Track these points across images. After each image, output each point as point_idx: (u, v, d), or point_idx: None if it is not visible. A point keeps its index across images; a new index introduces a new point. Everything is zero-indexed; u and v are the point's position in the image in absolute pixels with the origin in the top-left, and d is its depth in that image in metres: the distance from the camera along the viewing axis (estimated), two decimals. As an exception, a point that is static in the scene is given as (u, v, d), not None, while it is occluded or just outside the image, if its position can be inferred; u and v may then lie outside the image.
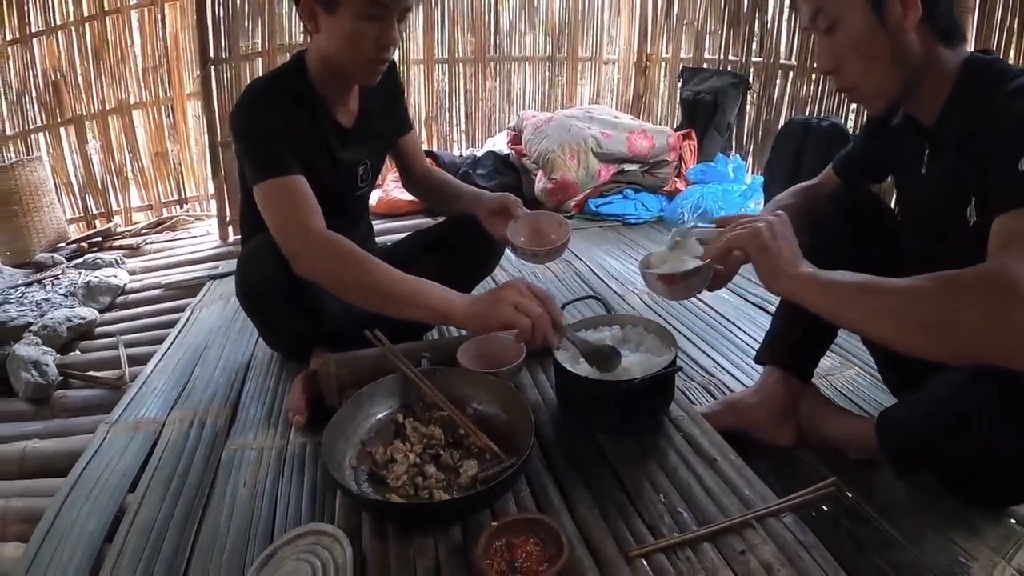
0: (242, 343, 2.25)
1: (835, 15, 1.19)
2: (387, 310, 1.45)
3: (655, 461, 1.30)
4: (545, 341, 1.35)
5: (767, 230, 1.18)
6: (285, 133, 1.60)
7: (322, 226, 1.53)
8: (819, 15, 1.21)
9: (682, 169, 3.90)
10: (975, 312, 0.94)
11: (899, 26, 1.15)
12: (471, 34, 4.75)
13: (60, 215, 4.06)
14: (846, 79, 1.25)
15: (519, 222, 1.75)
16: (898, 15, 1.14)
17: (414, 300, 1.42)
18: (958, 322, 0.96)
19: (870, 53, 1.19)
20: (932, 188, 1.29)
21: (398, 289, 1.43)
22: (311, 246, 1.50)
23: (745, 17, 4.06)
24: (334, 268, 1.48)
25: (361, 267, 1.46)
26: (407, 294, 1.43)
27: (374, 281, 1.45)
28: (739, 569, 1.03)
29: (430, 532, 1.14)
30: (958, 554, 1.23)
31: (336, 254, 1.48)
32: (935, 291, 0.99)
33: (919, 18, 1.14)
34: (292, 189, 1.55)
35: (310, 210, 1.54)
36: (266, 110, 1.62)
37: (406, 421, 1.37)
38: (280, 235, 1.53)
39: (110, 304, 3.06)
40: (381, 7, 1.54)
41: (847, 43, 1.20)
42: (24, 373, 2.27)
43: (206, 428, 1.76)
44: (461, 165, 4.02)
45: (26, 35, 4.00)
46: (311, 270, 1.50)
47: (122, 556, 1.35)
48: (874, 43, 1.18)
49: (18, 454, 1.90)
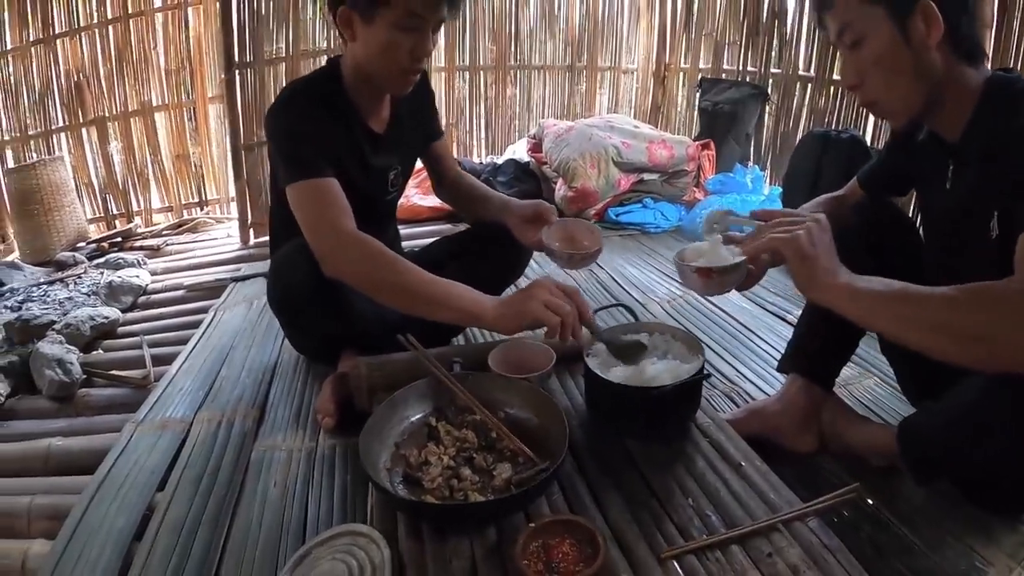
0: (268, 345, 2.27)
1: (861, 31, 1.23)
2: (417, 310, 1.47)
3: (683, 466, 1.31)
4: (575, 336, 1.38)
5: (806, 237, 1.20)
6: (319, 136, 1.62)
7: (353, 227, 1.55)
8: (845, 31, 1.25)
9: (701, 179, 3.91)
10: (1008, 323, 0.98)
11: (922, 43, 1.18)
12: (492, 42, 4.79)
13: (80, 215, 4.09)
14: (869, 93, 1.29)
15: (552, 228, 1.75)
16: (921, 33, 1.18)
17: (445, 301, 1.45)
18: (992, 332, 1.00)
19: (893, 69, 1.23)
20: (956, 202, 1.31)
21: (429, 290, 1.46)
22: (342, 246, 1.52)
23: (764, 28, 4.07)
24: (365, 269, 1.50)
25: (392, 268, 1.49)
26: (438, 295, 1.45)
27: (405, 282, 1.47)
28: (767, 571, 1.04)
29: (465, 533, 1.14)
30: (975, 560, 1.25)
31: (367, 255, 1.50)
32: (969, 302, 1.03)
33: (941, 36, 1.18)
34: (324, 190, 1.57)
35: (342, 211, 1.56)
36: (301, 112, 1.64)
37: (439, 424, 1.37)
38: (311, 235, 1.55)
39: (132, 304, 3.08)
40: (417, 18, 1.56)
41: (871, 59, 1.24)
42: (48, 371, 2.28)
43: (234, 428, 1.78)
44: (482, 172, 4.04)
45: (50, 36, 4.03)
46: (341, 270, 1.53)
47: (152, 554, 1.37)
48: (897, 59, 1.21)
49: (43, 451, 1.92)
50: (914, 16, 1.17)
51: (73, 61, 4.12)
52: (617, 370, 1.43)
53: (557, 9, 4.87)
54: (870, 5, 1.20)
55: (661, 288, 2.75)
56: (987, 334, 1.01)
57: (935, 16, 1.16)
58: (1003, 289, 1.01)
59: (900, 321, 1.11)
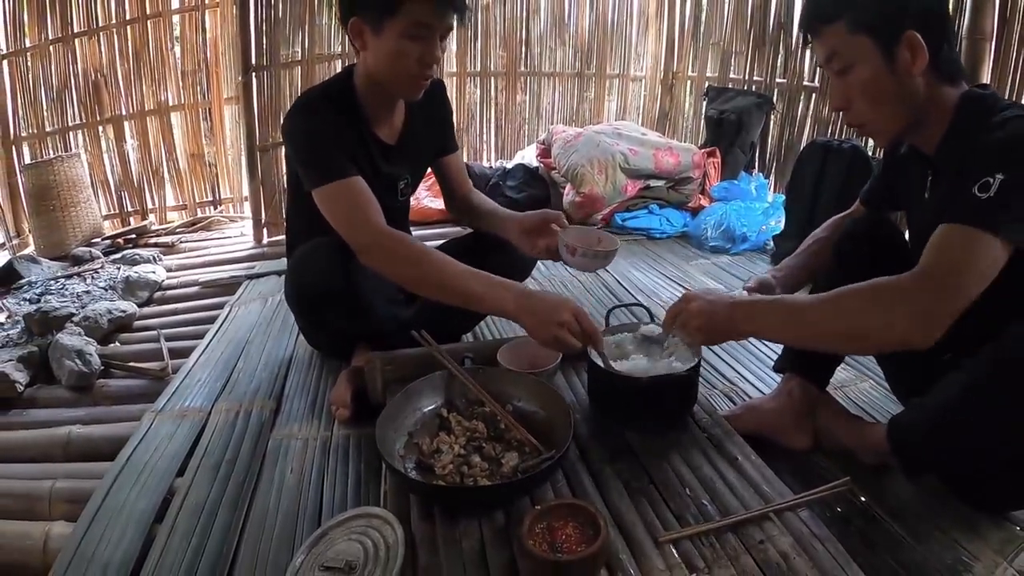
0: (283, 340, 2.34)
1: (849, 59, 1.29)
2: (449, 301, 1.58)
3: (681, 458, 1.37)
4: None
5: (700, 330, 1.38)
6: (337, 138, 1.69)
7: (385, 224, 1.63)
8: (834, 58, 1.31)
9: (706, 186, 3.97)
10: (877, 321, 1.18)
11: (907, 71, 1.26)
12: (503, 49, 4.85)
13: (96, 211, 4.15)
14: (856, 117, 1.36)
15: (567, 232, 1.80)
16: (907, 61, 1.25)
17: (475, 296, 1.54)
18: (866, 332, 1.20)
19: (878, 95, 1.30)
20: (933, 211, 1.36)
21: (460, 285, 1.55)
22: (379, 244, 1.61)
23: (770, 39, 4.13)
24: (401, 265, 1.60)
25: (425, 264, 1.58)
26: (468, 290, 1.55)
27: (439, 279, 1.57)
28: (758, 557, 1.10)
29: (475, 516, 1.20)
30: (962, 555, 1.30)
31: (403, 254, 1.61)
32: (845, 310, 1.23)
33: (926, 64, 1.25)
34: (356, 190, 1.64)
35: (375, 209, 1.64)
36: (319, 117, 1.71)
37: (450, 415, 1.44)
38: (349, 233, 1.63)
39: (148, 299, 3.15)
40: (424, 27, 1.62)
41: (858, 85, 1.30)
42: (67, 361, 2.34)
43: (252, 418, 1.85)
44: (491, 176, 4.11)
45: (68, 35, 4.09)
46: (378, 266, 1.62)
47: (173, 535, 1.43)
48: (883, 86, 1.28)
49: (63, 438, 1.97)
50: (900, 46, 1.24)
51: (91, 60, 4.19)
52: (619, 364, 1.50)
53: (567, 17, 4.93)
54: (857, 35, 1.26)
55: (665, 292, 2.81)
56: (860, 329, 1.20)
57: (920, 46, 1.23)
58: (863, 288, 1.20)
59: (795, 340, 1.42)
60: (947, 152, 1.31)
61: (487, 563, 1.11)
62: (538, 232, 1.85)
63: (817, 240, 1.71)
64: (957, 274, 1.13)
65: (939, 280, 1.14)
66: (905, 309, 1.14)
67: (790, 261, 1.72)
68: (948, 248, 1.15)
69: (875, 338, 1.21)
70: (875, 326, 1.18)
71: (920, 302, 1.13)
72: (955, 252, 1.14)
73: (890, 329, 1.16)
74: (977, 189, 1.13)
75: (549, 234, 1.82)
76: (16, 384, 2.27)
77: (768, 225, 3.48)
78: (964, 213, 1.14)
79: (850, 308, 1.21)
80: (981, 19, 2.62)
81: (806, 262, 1.70)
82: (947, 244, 1.16)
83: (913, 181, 1.46)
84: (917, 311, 1.13)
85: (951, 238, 1.15)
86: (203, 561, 1.35)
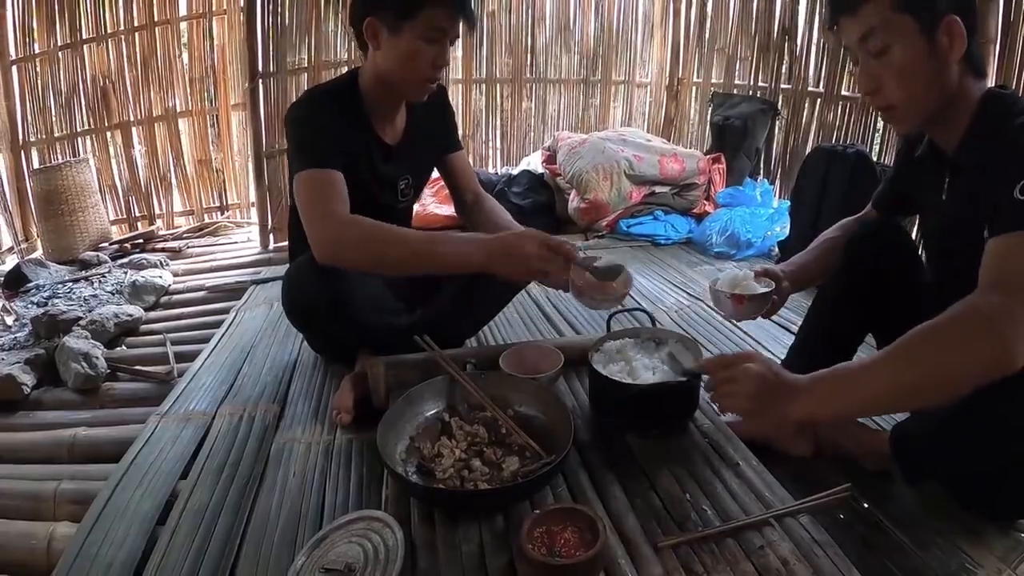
0: (287, 345, 2.35)
1: (888, 39, 1.24)
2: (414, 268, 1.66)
3: (682, 463, 1.37)
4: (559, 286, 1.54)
5: (744, 394, 1.20)
6: (334, 133, 1.70)
7: (347, 212, 1.61)
8: (870, 38, 1.26)
9: (711, 192, 3.97)
10: (955, 357, 1.04)
11: (945, 56, 1.23)
12: (508, 55, 4.86)
13: (103, 216, 4.18)
14: (886, 99, 1.31)
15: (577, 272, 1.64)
16: (945, 46, 1.22)
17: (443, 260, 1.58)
18: (945, 372, 1.05)
19: (914, 78, 1.26)
20: (952, 211, 1.36)
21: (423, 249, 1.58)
22: (336, 229, 1.58)
23: (775, 45, 4.13)
24: (363, 248, 1.58)
25: (388, 240, 1.58)
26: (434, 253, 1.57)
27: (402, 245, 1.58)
28: (758, 562, 1.09)
29: (475, 520, 1.21)
30: (965, 561, 1.29)
31: (363, 234, 1.58)
32: (916, 356, 1.08)
33: (964, 51, 1.23)
34: (327, 181, 1.64)
35: (339, 201, 1.62)
36: (320, 109, 1.73)
37: (452, 420, 1.45)
38: (308, 223, 1.61)
39: (155, 303, 3.16)
40: (439, 31, 1.66)
41: (895, 66, 1.26)
42: (74, 364, 2.35)
43: (255, 422, 1.86)
44: (497, 183, 4.11)
45: (77, 41, 4.13)
46: (340, 254, 1.59)
47: (176, 537, 1.44)
48: (920, 69, 1.25)
49: (68, 440, 1.99)
50: (939, 30, 1.21)
51: (100, 66, 4.23)
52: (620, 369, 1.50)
53: (572, 23, 4.94)
54: (901, 13, 1.22)
55: (670, 298, 2.81)
56: (938, 372, 1.06)
57: (960, 32, 1.21)
58: (932, 327, 1.06)
59: (867, 405, 1.18)
60: (968, 152, 1.29)
61: (486, 567, 1.11)
62: None
63: (827, 240, 1.69)
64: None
65: (1012, 291, 1.04)
66: (983, 332, 1.02)
67: (800, 258, 1.70)
68: (1010, 257, 1.08)
69: (961, 373, 1.04)
70: (958, 361, 1.04)
71: (997, 320, 1.01)
72: (1020, 259, 1.07)
73: (975, 358, 1.02)
74: (1019, 192, 1.08)
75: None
76: (23, 386, 2.28)
77: (773, 231, 3.48)
78: (1016, 220, 1.08)
79: (924, 351, 1.07)
80: (985, 22, 2.62)
81: (816, 260, 1.68)
82: (1008, 253, 1.08)
83: (929, 183, 1.44)
84: (996, 330, 1.01)
85: (1010, 247, 1.08)
86: (205, 563, 1.35)
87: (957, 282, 1.19)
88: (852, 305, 1.62)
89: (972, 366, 1.02)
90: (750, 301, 1.53)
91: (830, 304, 1.68)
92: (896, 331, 1.41)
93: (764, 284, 1.56)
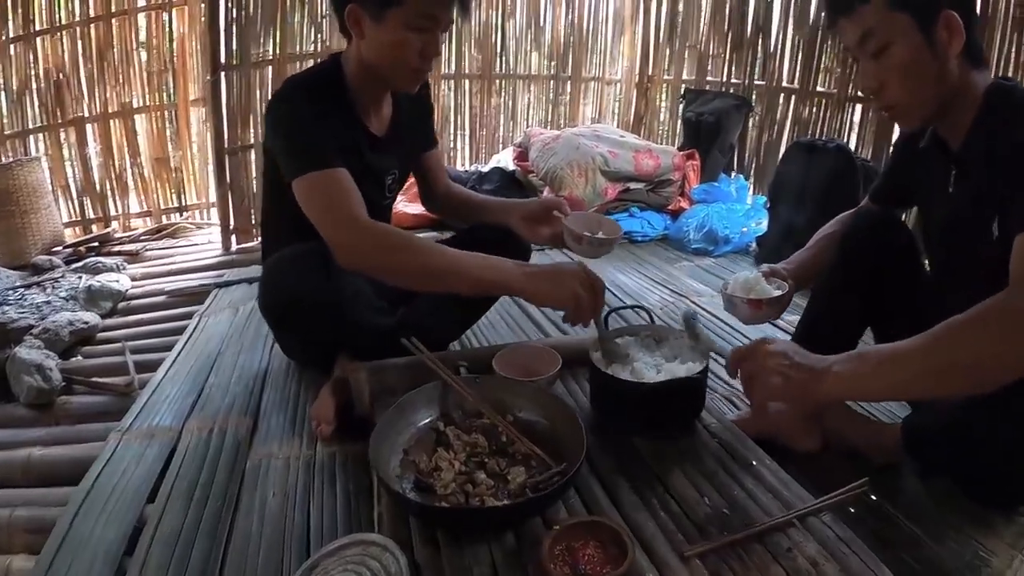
0: (257, 351, 2.24)
1: (887, 38, 1.25)
2: (443, 288, 1.54)
3: (695, 466, 1.34)
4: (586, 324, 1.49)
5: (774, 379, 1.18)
6: (325, 128, 1.59)
7: (368, 216, 1.53)
8: (869, 39, 1.27)
9: (686, 188, 3.95)
10: (991, 349, 1.02)
11: (944, 51, 1.23)
12: (477, 51, 4.78)
13: (57, 218, 3.99)
14: (889, 98, 1.32)
15: (571, 220, 1.74)
16: (944, 41, 1.22)
17: (468, 273, 1.47)
18: (976, 359, 1.04)
19: (917, 75, 1.26)
20: (958, 206, 1.36)
21: (452, 266, 1.48)
22: (360, 236, 1.50)
23: (748, 41, 4.13)
24: (385, 256, 1.50)
25: (412, 250, 1.50)
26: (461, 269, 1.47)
27: (425, 263, 1.49)
28: (788, 565, 1.07)
29: (483, 539, 1.13)
30: (979, 550, 1.30)
31: (388, 243, 1.51)
32: (943, 342, 1.06)
33: (963, 45, 1.23)
34: (338, 181, 1.55)
35: (357, 202, 1.54)
36: (306, 105, 1.62)
37: (447, 429, 1.36)
38: (327, 227, 1.52)
39: (111, 310, 3.00)
40: (429, 18, 1.56)
41: (896, 65, 1.27)
42: (26, 377, 2.21)
43: (227, 437, 1.74)
44: (467, 180, 4.04)
45: (29, 33, 3.93)
46: (360, 261, 1.51)
47: (146, 568, 1.32)
48: (921, 66, 1.25)
49: (22, 462, 1.86)
50: (937, 25, 1.21)
51: (53, 60, 4.02)
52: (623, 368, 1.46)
53: (542, 20, 4.88)
54: (897, 12, 1.23)
55: (652, 295, 2.77)
56: (973, 362, 1.04)
57: (958, 26, 1.21)
58: (968, 318, 1.04)
59: (899, 385, 1.14)
60: (975, 146, 1.28)
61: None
62: (541, 220, 1.82)
63: (826, 235, 1.70)
64: None
65: None
66: (1021, 327, 1.01)
67: (799, 255, 1.70)
68: None
69: (995, 365, 1.02)
70: (994, 353, 1.02)
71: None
72: None
73: (1013, 352, 1.01)
74: None
75: (552, 221, 1.79)
76: (-31, 402, 2.13)
77: (750, 227, 3.48)
78: None
79: (960, 341, 1.05)
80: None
81: (815, 257, 1.68)
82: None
83: (934, 176, 1.43)
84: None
85: None
86: (181, 597, 1.24)
87: (959, 276, 1.20)
88: (850, 299, 1.61)
89: (1008, 358, 1.01)
90: (768, 305, 1.51)
91: (827, 299, 1.67)
92: (895, 325, 1.46)
93: (776, 285, 1.54)
